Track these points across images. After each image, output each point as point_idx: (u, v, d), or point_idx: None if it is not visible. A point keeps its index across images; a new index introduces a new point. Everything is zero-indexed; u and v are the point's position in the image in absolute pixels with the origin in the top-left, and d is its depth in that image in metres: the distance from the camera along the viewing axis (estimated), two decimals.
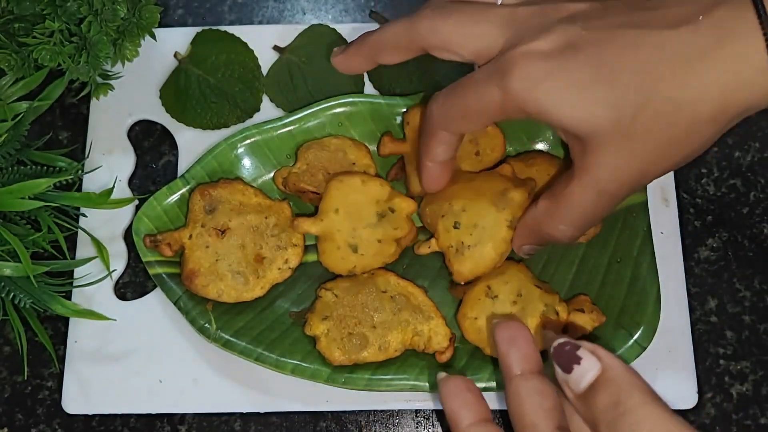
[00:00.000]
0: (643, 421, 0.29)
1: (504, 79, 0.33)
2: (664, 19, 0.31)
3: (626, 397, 0.29)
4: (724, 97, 0.31)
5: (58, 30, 0.42)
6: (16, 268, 0.40)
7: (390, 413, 0.44)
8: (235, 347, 0.42)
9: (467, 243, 0.40)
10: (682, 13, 0.31)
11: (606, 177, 0.33)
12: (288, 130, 0.46)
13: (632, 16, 0.32)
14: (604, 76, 0.31)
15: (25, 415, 0.44)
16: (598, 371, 0.30)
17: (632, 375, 0.30)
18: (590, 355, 0.31)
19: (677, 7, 0.32)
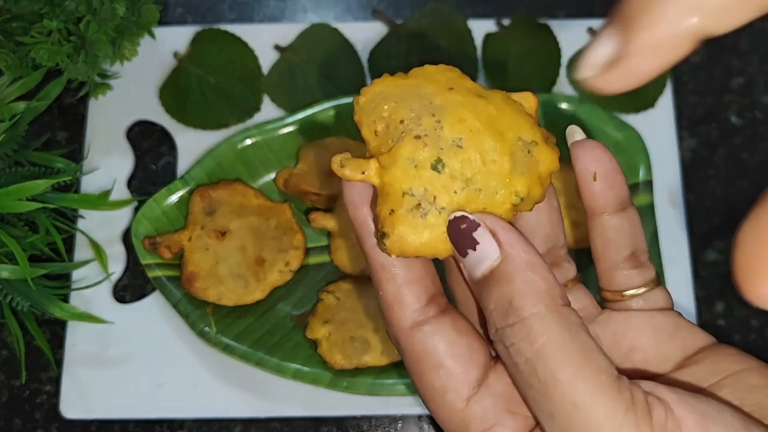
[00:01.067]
0: (534, 339, 0.23)
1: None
2: None
3: (520, 302, 0.23)
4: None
5: (56, 29, 0.41)
6: (13, 270, 0.40)
7: (393, 418, 0.43)
8: (235, 351, 0.41)
9: (441, 202, 0.24)
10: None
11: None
12: (289, 131, 0.45)
13: None
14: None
15: (23, 420, 0.44)
16: (495, 261, 0.24)
17: (537, 272, 0.24)
18: (489, 239, 0.24)
19: None
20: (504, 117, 0.25)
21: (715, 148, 0.48)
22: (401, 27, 0.49)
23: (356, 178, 0.25)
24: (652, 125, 0.47)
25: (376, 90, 0.26)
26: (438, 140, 0.24)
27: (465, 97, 0.25)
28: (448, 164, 0.24)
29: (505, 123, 0.25)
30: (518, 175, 0.25)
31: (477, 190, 0.24)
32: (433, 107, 0.25)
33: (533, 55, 0.48)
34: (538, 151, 0.25)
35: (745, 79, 0.49)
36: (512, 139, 0.25)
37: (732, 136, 0.48)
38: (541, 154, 0.25)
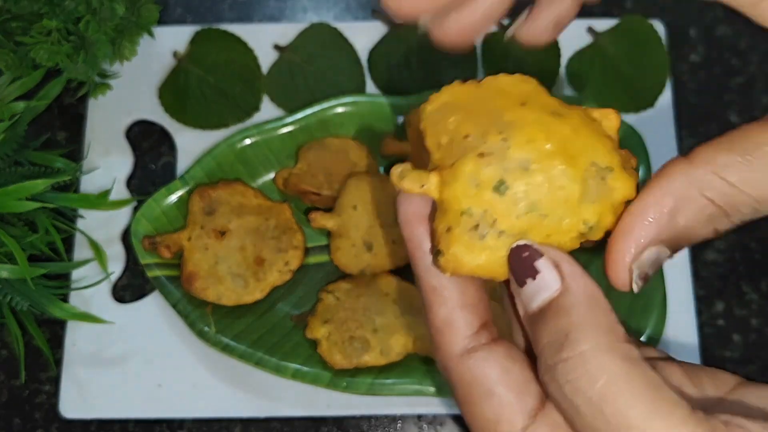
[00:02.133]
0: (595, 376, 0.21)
1: None
2: None
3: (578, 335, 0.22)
4: None
5: (55, 29, 0.41)
6: (13, 270, 0.40)
7: (392, 418, 0.43)
8: (234, 351, 0.41)
9: (501, 225, 0.23)
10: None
11: None
12: (288, 130, 0.45)
13: None
14: None
15: (22, 420, 0.44)
16: (554, 293, 0.23)
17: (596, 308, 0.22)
18: (551, 269, 0.23)
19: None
20: (579, 139, 0.23)
21: None
22: (401, 27, 0.49)
23: (415, 190, 0.24)
24: (652, 124, 0.47)
25: (443, 99, 0.25)
26: (503, 160, 0.23)
27: (538, 115, 0.23)
28: (512, 186, 0.23)
29: (579, 146, 0.23)
30: (588, 203, 0.23)
31: (541, 216, 0.23)
32: (502, 124, 0.23)
33: (532, 55, 0.48)
34: (613, 177, 0.23)
35: (744, 78, 0.49)
36: (585, 163, 0.23)
37: None
38: (616, 181, 0.23)
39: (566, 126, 0.23)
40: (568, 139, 0.23)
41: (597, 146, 0.23)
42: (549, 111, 0.24)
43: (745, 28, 0.50)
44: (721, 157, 0.23)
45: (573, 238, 0.24)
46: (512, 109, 0.24)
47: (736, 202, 0.23)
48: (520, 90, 0.24)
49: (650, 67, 0.47)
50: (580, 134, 0.23)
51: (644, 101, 0.47)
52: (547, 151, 0.23)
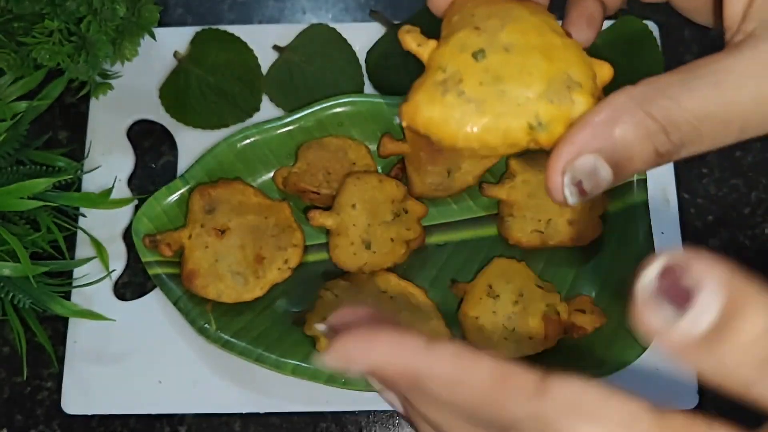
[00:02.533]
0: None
1: None
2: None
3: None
4: None
5: (57, 29, 0.42)
6: (15, 268, 0.40)
7: (390, 414, 0.43)
8: (235, 348, 0.42)
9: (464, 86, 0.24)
10: None
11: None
12: (288, 130, 0.45)
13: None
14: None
15: (24, 416, 0.44)
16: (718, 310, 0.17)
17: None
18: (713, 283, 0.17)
19: None
20: (565, 52, 0.25)
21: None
22: (398, 27, 0.49)
23: (411, 46, 0.25)
24: None
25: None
26: (492, 37, 0.24)
27: (542, 24, 0.25)
28: (488, 56, 0.24)
29: (562, 56, 0.24)
30: (547, 101, 0.24)
31: (501, 91, 0.24)
32: (507, 16, 0.25)
33: None
34: (579, 92, 0.24)
35: None
36: (560, 69, 0.24)
37: None
38: (579, 95, 0.24)
39: (560, 40, 0.25)
40: (555, 47, 0.25)
41: (579, 65, 0.25)
42: (551, 29, 0.25)
43: None
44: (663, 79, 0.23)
45: (522, 128, 0.24)
46: (522, 13, 0.25)
47: (674, 117, 0.23)
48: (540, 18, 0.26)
49: (645, 67, 0.47)
50: (569, 51, 0.25)
51: None
52: (532, 45, 0.24)
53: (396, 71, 0.48)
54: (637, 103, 0.23)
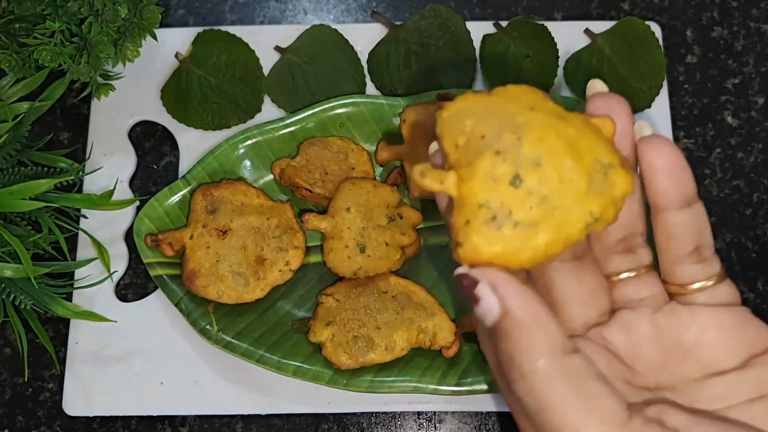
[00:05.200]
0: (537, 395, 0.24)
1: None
2: None
3: (520, 358, 0.24)
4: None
5: (58, 30, 0.42)
6: (16, 269, 0.40)
7: (392, 415, 0.43)
8: (236, 349, 0.42)
9: (516, 216, 0.25)
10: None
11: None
12: (289, 131, 0.45)
13: None
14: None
15: (25, 417, 0.44)
16: (496, 316, 0.25)
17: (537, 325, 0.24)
18: (490, 295, 0.25)
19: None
20: (583, 139, 0.25)
21: (711, 149, 0.48)
22: (400, 28, 0.49)
23: (435, 188, 0.26)
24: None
25: (459, 106, 0.26)
26: (517, 157, 0.25)
27: (546, 118, 0.26)
28: (525, 180, 0.25)
29: (584, 145, 0.25)
30: (594, 195, 0.25)
31: (552, 207, 0.25)
32: (515, 125, 0.25)
33: (530, 56, 0.48)
34: (614, 173, 0.25)
35: (740, 79, 0.50)
36: (590, 160, 0.25)
37: (727, 136, 0.49)
38: (617, 176, 0.25)
39: (571, 127, 0.25)
40: (574, 139, 0.25)
41: (599, 146, 0.26)
42: (555, 114, 0.26)
43: (741, 29, 0.51)
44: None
45: (580, 229, 0.25)
46: (523, 113, 0.26)
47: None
48: (529, 98, 0.26)
49: (647, 68, 0.47)
50: (584, 135, 0.26)
51: (641, 102, 0.47)
52: (557, 149, 0.25)
53: (398, 72, 0.48)
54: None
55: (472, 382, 0.41)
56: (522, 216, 0.25)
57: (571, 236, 0.25)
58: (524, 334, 0.24)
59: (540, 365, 0.24)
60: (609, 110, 0.27)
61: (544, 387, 0.24)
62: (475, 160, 0.25)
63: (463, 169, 0.26)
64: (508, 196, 0.25)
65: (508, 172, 0.25)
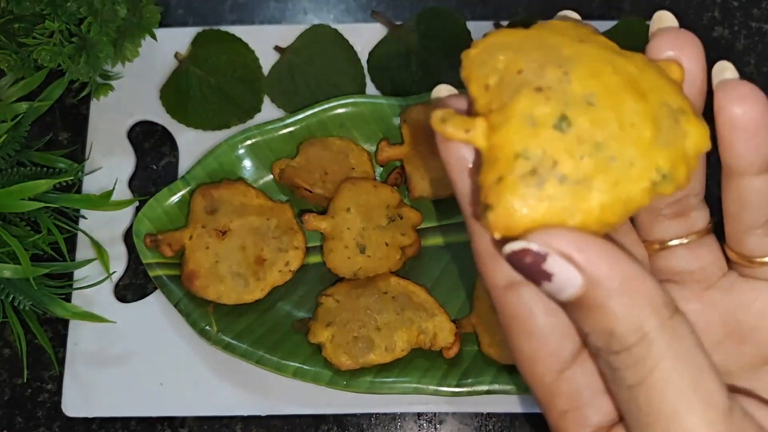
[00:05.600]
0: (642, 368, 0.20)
1: None
2: None
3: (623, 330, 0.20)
4: None
5: (57, 30, 0.42)
6: (15, 270, 0.40)
7: (392, 416, 0.43)
8: (236, 350, 0.42)
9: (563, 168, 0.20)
10: None
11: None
12: (289, 131, 0.45)
13: None
14: None
15: (24, 418, 0.44)
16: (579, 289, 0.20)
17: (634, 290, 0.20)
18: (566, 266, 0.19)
19: None
20: (647, 77, 0.20)
21: (713, 149, 0.48)
22: (400, 28, 0.49)
23: (459, 137, 0.20)
24: None
25: (490, 41, 0.21)
26: (564, 95, 0.20)
27: (600, 51, 0.20)
28: (575, 123, 0.19)
29: (648, 84, 0.20)
30: (661, 146, 0.20)
31: (609, 158, 0.19)
32: (561, 58, 0.20)
33: None
34: (687, 122, 0.20)
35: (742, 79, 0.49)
36: (656, 102, 0.20)
37: None
38: (690, 125, 0.20)
39: (631, 64, 0.20)
40: (635, 76, 0.20)
41: (667, 87, 0.21)
42: (611, 49, 0.21)
43: (742, 29, 0.50)
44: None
45: (644, 189, 0.20)
46: (571, 45, 0.20)
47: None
48: (578, 31, 0.21)
49: None
50: (648, 73, 0.21)
51: None
52: (615, 85, 0.20)
53: (398, 72, 0.48)
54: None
55: (473, 383, 0.41)
56: (570, 168, 0.19)
57: (632, 198, 0.20)
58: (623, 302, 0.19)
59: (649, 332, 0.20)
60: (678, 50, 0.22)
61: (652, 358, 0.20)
62: (510, 101, 0.20)
63: (494, 114, 0.20)
64: (552, 142, 0.19)
65: (553, 113, 0.19)
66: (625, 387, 0.20)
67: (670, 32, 0.22)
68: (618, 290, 0.20)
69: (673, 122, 0.20)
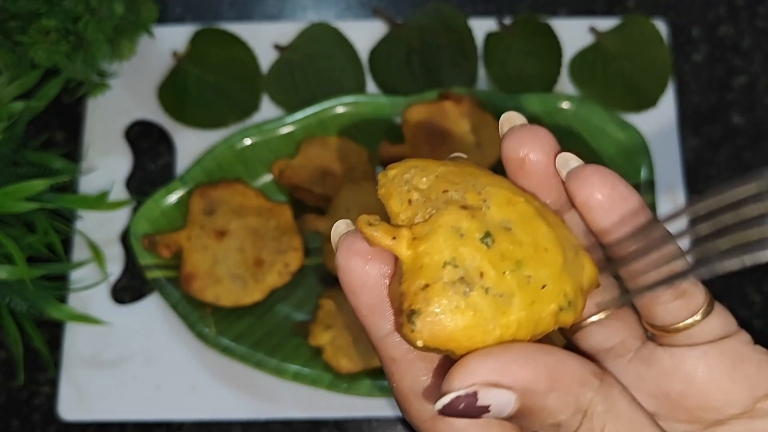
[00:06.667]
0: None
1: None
2: None
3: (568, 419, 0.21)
4: None
5: (54, 28, 0.41)
6: (11, 271, 0.39)
7: (393, 420, 0.43)
8: (235, 352, 0.41)
9: (489, 281, 0.20)
10: None
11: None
12: (289, 130, 0.45)
13: None
14: None
15: (20, 422, 0.43)
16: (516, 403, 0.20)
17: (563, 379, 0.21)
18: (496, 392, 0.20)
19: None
20: (549, 213, 0.22)
21: (718, 148, 0.48)
22: (401, 26, 0.48)
23: (385, 243, 0.21)
24: (654, 125, 0.47)
25: (411, 164, 0.22)
26: (484, 218, 0.21)
27: (510, 186, 0.22)
28: (497, 241, 0.20)
29: (551, 218, 0.22)
30: (568, 274, 0.21)
31: (527, 276, 0.20)
32: (479, 186, 0.21)
33: (534, 54, 0.47)
34: (584, 257, 0.22)
35: (747, 78, 0.49)
36: (562, 235, 0.21)
37: (734, 135, 0.48)
38: (586, 261, 0.22)
39: (536, 202, 0.22)
40: (542, 210, 0.22)
41: (563, 225, 0.22)
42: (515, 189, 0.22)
43: (748, 27, 0.50)
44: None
45: (552, 314, 0.21)
46: (486, 175, 0.22)
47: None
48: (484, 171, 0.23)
49: (653, 66, 0.46)
50: (548, 210, 0.22)
51: (647, 101, 0.47)
52: (529, 214, 0.21)
53: (399, 70, 0.47)
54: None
55: None
56: (494, 281, 0.20)
57: (542, 320, 0.21)
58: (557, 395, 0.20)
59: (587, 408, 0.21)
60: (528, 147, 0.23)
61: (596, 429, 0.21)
62: (438, 214, 0.20)
63: (419, 226, 0.21)
64: (479, 254, 0.20)
65: (479, 229, 0.20)
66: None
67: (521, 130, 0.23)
68: (549, 387, 0.20)
69: (574, 255, 0.21)
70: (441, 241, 0.20)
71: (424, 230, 0.21)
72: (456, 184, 0.21)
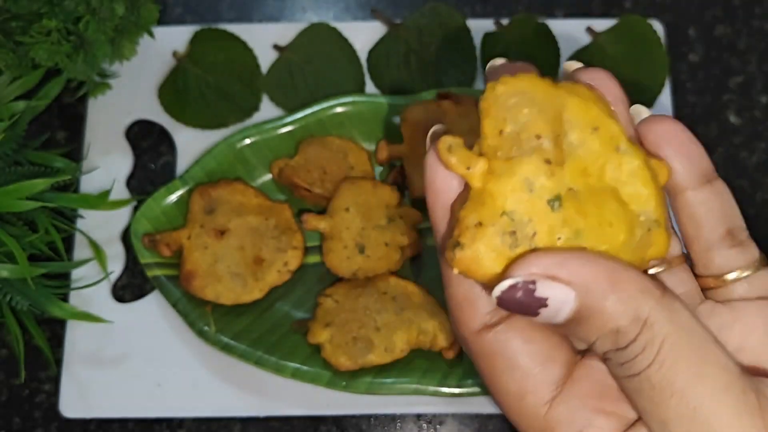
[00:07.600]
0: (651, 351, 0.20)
1: None
2: None
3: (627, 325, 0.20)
4: None
5: (55, 29, 0.41)
6: (13, 269, 0.40)
7: (392, 417, 0.43)
8: (234, 350, 0.41)
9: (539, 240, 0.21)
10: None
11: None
12: (288, 130, 0.45)
13: None
14: None
15: (22, 419, 0.44)
16: (574, 303, 0.20)
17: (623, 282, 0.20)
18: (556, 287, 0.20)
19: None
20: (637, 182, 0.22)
21: (714, 148, 0.48)
22: (400, 26, 0.49)
23: (458, 170, 0.21)
24: None
25: (520, 85, 0.22)
26: (562, 179, 0.21)
27: (604, 149, 0.22)
28: (565, 207, 0.21)
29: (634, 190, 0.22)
30: (628, 251, 0.21)
31: (582, 248, 0.21)
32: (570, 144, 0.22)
33: (532, 55, 0.48)
34: (656, 233, 0.22)
35: (743, 78, 0.49)
36: (636, 211, 0.22)
37: (731, 135, 0.48)
38: (657, 237, 0.22)
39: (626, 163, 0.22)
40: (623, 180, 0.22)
41: (652, 195, 0.22)
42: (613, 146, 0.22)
43: (744, 27, 0.50)
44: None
45: None
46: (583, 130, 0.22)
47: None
48: (596, 112, 0.22)
49: (649, 67, 0.47)
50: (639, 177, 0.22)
51: (643, 101, 0.47)
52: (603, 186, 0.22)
53: (398, 71, 0.48)
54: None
55: (473, 384, 0.41)
56: (544, 243, 0.21)
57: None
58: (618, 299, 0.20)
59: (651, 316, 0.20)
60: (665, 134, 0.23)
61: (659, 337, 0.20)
62: (519, 159, 0.21)
63: (497, 162, 0.21)
64: (540, 215, 0.21)
65: (551, 190, 0.21)
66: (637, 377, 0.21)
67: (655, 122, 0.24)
68: (609, 289, 0.20)
69: (645, 232, 0.22)
70: (509, 189, 0.21)
71: (500, 170, 0.21)
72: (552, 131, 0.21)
